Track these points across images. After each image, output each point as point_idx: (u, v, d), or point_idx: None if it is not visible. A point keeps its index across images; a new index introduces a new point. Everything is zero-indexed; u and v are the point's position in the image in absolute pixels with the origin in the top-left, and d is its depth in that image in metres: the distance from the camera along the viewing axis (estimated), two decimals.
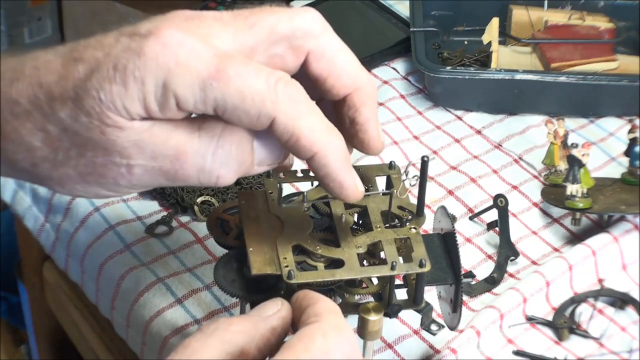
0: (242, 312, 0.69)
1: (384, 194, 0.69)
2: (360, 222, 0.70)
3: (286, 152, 0.63)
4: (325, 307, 0.59)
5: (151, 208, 0.87)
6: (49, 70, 0.59)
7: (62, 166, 0.59)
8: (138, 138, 0.58)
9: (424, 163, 0.66)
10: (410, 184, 0.68)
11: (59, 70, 0.59)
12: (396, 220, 0.69)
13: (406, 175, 0.68)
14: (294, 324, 0.61)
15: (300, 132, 0.59)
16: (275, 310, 0.60)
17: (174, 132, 0.59)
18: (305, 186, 0.72)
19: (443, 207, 0.68)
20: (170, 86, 0.57)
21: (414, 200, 0.69)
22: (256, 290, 0.64)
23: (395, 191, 0.68)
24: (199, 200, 0.85)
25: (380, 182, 0.72)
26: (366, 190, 0.69)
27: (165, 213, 0.87)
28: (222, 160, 0.60)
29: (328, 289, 0.66)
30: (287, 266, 0.63)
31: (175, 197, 0.86)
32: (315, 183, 0.71)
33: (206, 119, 0.60)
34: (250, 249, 0.64)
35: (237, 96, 0.58)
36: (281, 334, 0.60)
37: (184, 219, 0.86)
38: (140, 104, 0.58)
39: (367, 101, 0.65)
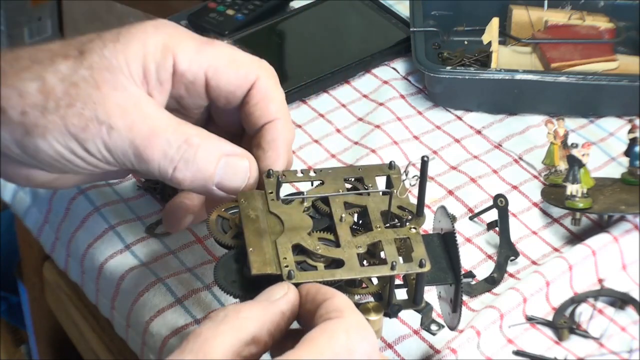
0: None
1: (383, 193, 0.69)
2: (360, 222, 0.70)
3: (248, 184, 0.68)
4: (345, 303, 0.59)
5: (151, 208, 0.87)
6: (51, 43, 0.66)
7: (50, 114, 0.63)
8: (126, 103, 0.63)
9: (424, 163, 0.66)
10: (410, 184, 0.68)
11: (61, 43, 0.66)
12: (396, 220, 0.69)
13: (406, 175, 0.68)
14: (306, 317, 0.60)
15: (273, 98, 0.69)
16: (282, 294, 0.60)
17: (156, 113, 0.65)
18: (305, 186, 0.72)
19: (443, 207, 0.68)
20: (169, 47, 0.66)
21: (413, 200, 0.69)
22: (256, 290, 0.64)
23: (395, 191, 0.68)
24: None
25: (380, 182, 0.72)
26: (366, 189, 0.69)
27: None
28: (185, 157, 0.65)
29: None
30: (287, 266, 0.63)
31: None
32: (316, 183, 0.71)
33: (188, 122, 0.67)
34: (250, 248, 0.64)
35: (226, 58, 0.69)
36: (290, 318, 0.60)
37: None
38: (140, 63, 0.65)
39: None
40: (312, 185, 0.70)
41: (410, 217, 0.68)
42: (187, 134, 0.65)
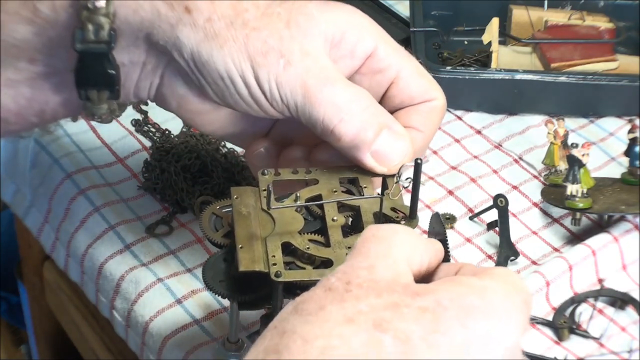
0: (232, 311, 0.68)
1: (374, 197, 0.68)
2: (352, 224, 0.69)
3: (402, 161, 0.68)
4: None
5: (151, 208, 0.87)
6: None
7: (235, 29, 0.63)
8: (308, 49, 0.65)
9: (417, 165, 0.65)
10: (403, 186, 0.68)
11: None
12: None
13: (399, 177, 0.68)
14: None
15: (435, 126, 0.71)
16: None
17: (332, 67, 0.66)
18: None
19: (437, 214, 0.67)
20: (375, 32, 0.69)
21: (408, 201, 0.68)
22: (244, 289, 0.64)
23: (385, 194, 0.68)
24: (199, 200, 0.85)
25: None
26: (359, 193, 0.69)
27: (165, 213, 0.87)
28: (354, 112, 0.65)
29: None
30: (275, 264, 0.62)
31: (175, 197, 0.86)
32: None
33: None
34: (240, 245, 0.64)
35: (416, 66, 0.70)
36: (436, 263, 0.59)
37: (184, 219, 0.86)
38: (340, 30, 0.67)
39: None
40: (305, 185, 0.70)
41: (403, 220, 0.67)
42: (360, 92, 0.66)
